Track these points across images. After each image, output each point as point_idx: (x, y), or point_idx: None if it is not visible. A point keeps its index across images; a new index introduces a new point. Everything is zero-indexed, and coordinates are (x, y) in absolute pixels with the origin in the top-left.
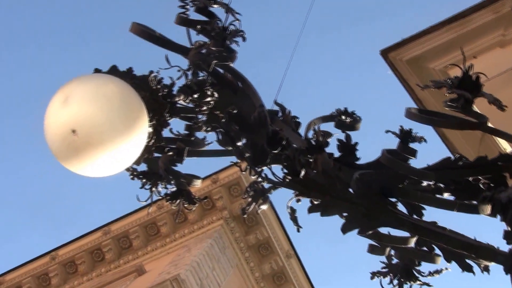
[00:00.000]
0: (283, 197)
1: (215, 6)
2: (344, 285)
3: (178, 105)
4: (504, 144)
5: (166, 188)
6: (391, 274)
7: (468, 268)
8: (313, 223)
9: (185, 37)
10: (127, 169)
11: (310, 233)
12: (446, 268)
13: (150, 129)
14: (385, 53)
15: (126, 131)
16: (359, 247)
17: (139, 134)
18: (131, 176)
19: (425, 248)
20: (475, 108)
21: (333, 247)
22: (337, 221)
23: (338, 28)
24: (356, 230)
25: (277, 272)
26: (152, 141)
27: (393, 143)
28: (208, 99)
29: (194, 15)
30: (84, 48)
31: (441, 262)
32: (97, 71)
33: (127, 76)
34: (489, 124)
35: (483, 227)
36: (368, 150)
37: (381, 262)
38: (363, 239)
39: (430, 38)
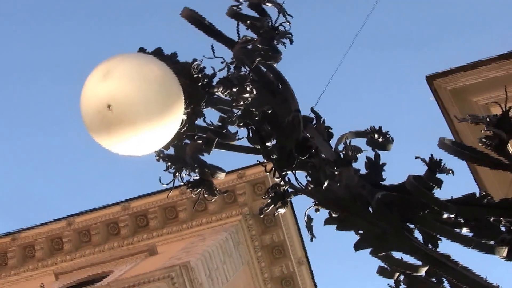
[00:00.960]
0: (305, 204)
1: (268, 4)
2: None
3: (215, 96)
4: None
5: (189, 175)
6: None
7: None
8: (329, 235)
9: (231, 30)
10: (155, 151)
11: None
12: None
13: (185, 117)
14: (430, 79)
15: (160, 115)
16: (370, 267)
17: (173, 120)
18: (157, 158)
19: (434, 279)
20: (510, 149)
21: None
22: (352, 237)
23: (389, 47)
24: (369, 250)
25: (287, 276)
26: (184, 128)
27: (421, 169)
28: (246, 95)
29: (246, 10)
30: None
31: None
32: (141, 50)
33: (170, 60)
34: None
35: (496, 268)
36: (396, 172)
37: (388, 285)
38: (375, 260)
39: (478, 72)
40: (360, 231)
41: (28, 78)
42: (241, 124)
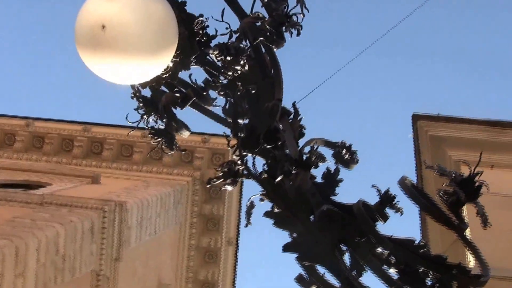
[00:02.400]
0: (255, 190)
1: None
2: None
3: (208, 57)
4: (470, 256)
5: (156, 122)
6: None
7: None
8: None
9: (246, 2)
10: (132, 86)
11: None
12: None
13: (171, 64)
14: (416, 118)
15: (149, 53)
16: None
17: (158, 63)
18: (132, 95)
19: None
20: (464, 211)
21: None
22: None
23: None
24: (296, 255)
25: (212, 250)
26: (167, 75)
27: (374, 198)
28: (238, 67)
29: None
30: None
31: None
32: None
33: (178, 6)
34: (467, 233)
35: None
36: (350, 192)
37: None
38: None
39: (462, 128)
40: (295, 235)
41: None
42: (222, 93)
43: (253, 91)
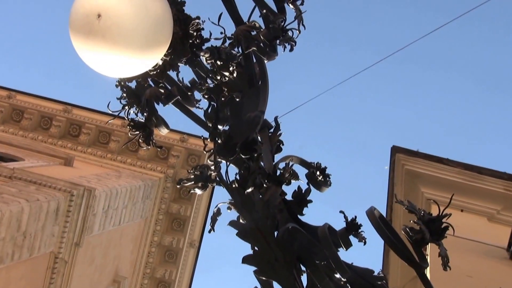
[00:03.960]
0: (225, 197)
1: (290, 6)
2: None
3: (198, 59)
4: None
5: (136, 114)
6: None
7: None
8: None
9: (245, 9)
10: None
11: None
12: None
13: (160, 62)
14: (395, 151)
15: (140, 48)
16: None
17: (148, 59)
18: (117, 84)
19: None
20: (427, 250)
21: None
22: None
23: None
24: (254, 268)
25: (173, 250)
26: (154, 72)
27: (340, 224)
28: (226, 73)
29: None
30: None
31: None
32: None
33: (176, 5)
34: (427, 272)
35: None
36: (318, 214)
37: None
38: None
39: (439, 167)
40: (256, 248)
41: None
42: (206, 96)
43: (238, 99)
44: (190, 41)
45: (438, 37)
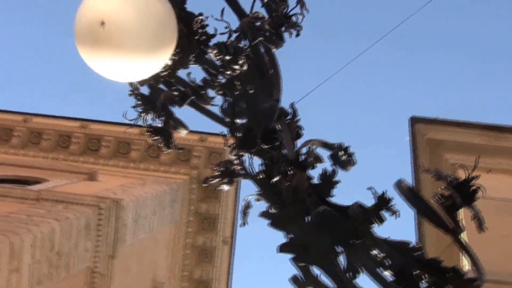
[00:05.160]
0: (251, 190)
1: None
2: None
3: (206, 56)
4: (465, 260)
5: (154, 120)
6: None
7: None
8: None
9: (246, 1)
10: (130, 84)
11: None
12: None
13: (169, 62)
14: (413, 121)
15: (147, 51)
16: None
17: (157, 60)
18: (130, 93)
19: None
20: (460, 214)
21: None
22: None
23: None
24: (291, 256)
25: (207, 249)
26: (165, 73)
27: (371, 201)
28: (236, 67)
29: None
30: None
31: None
32: None
33: (178, 5)
34: (463, 237)
35: None
36: (347, 193)
37: None
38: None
39: (459, 132)
40: (290, 235)
41: None
42: (220, 92)
43: (251, 91)
44: (196, 38)
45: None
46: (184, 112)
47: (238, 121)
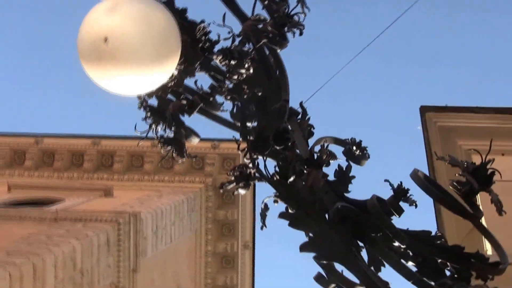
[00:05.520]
0: (267, 192)
1: None
2: None
3: (212, 63)
4: (487, 245)
5: (165, 131)
6: None
7: None
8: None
9: (247, 5)
10: (139, 97)
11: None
12: None
13: (175, 72)
14: (424, 110)
15: (153, 63)
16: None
17: (164, 71)
18: (139, 105)
19: None
20: (477, 199)
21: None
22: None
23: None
24: (313, 254)
25: (229, 255)
26: (172, 83)
27: (388, 193)
28: (243, 71)
29: None
30: None
31: None
32: None
33: (179, 14)
34: (482, 221)
35: None
36: (363, 188)
37: None
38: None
39: (471, 117)
40: (310, 234)
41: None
42: (228, 97)
43: (260, 94)
44: (200, 45)
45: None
46: (194, 120)
47: (249, 124)
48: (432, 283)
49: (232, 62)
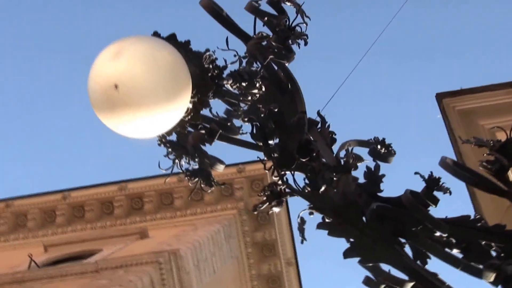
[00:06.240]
0: (300, 205)
1: (287, 3)
2: None
3: (223, 88)
4: None
5: (189, 163)
6: None
7: None
8: (321, 239)
9: (248, 24)
10: (158, 135)
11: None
12: None
13: (190, 105)
14: (440, 97)
15: (166, 101)
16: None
17: (178, 107)
18: (159, 143)
19: None
20: (510, 176)
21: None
22: (343, 243)
23: (404, 59)
24: (357, 258)
25: (274, 275)
26: (189, 117)
27: (420, 185)
28: (255, 91)
29: (265, 6)
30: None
31: None
32: (155, 34)
33: (183, 47)
34: None
35: None
36: (394, 185)
37: None
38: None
39: (487, 96)
40: (351, 239)
41: (36, 55)
42: (246, 119)
43: (276, 110)
44: (209, 74)
45: None
46: (216, 148)
47: (271, 142)
48: (480, 267)
49: (243, 84)
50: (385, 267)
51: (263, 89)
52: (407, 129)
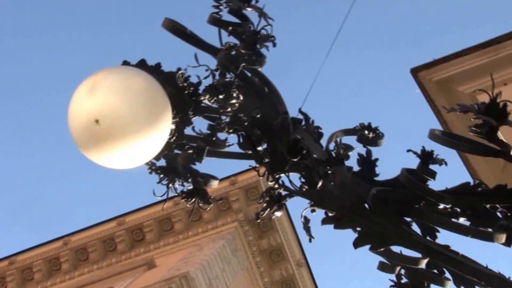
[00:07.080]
0: (299, 205)
1: (248, 9)
2: None
3: (202, 104)
4: None
5: (183, 185)
6: None
7: None
8: (327, 234)
9: (215, 37)
10: (146, 163)
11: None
12: None
13: (173, 126)
14: (415, 71)
15: (149, 126)
16: (370, 263)
17: (162, 130)
18: (149, 170)
19: (435, 271)
20: (500, 135)
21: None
22: (350, 234)
23: (371, 45)
24: (368, 246)
25: (287, 279)
26: (174, 138)
27: (414, 162)
28: (233, 101)
29: (226, 17)
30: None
31: (450, 286)
32: (125, 63)
33: (155, 71)
34: None
35: (496, 255)
36: (388, 168)
37: (390, 280)
38: (374, 256)
39: (462, 61)
40: (358, 229)
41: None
42: (230, 131)
43: (258, 116)
44: (186, 92)
45: None
46: (203, 165)
47: (259, 148)
48: (490, 230)
49: (221, 96)
50: (396, 249)
51: (241, 98)
52: (390, 112)
